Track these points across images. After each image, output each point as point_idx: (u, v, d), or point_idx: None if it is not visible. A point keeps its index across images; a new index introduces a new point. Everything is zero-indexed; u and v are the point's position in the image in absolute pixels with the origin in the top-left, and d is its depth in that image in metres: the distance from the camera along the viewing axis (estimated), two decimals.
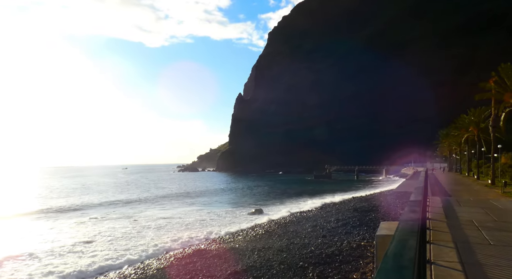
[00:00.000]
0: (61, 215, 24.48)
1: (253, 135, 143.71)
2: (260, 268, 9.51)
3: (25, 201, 34.25)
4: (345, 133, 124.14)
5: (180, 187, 56.84)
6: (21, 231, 19.07)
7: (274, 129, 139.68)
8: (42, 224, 21.18)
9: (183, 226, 19.99)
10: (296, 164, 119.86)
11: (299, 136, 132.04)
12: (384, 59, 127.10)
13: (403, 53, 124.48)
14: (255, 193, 42.05)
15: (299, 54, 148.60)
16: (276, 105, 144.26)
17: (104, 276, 10.67)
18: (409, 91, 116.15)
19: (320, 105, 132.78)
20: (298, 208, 26.79)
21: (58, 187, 57.61)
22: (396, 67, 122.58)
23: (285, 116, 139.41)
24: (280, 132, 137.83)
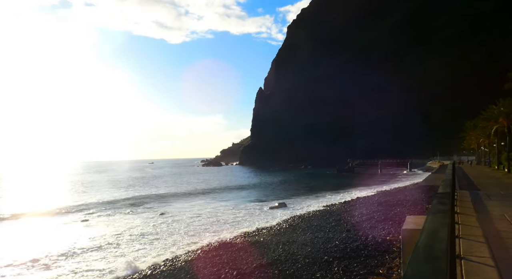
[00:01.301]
0: (94, 209, 25.26)
1: (275, 130, 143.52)
2: (285, 261, 9.59)
3: (66, 197, 35.47)
4: (367, 127, 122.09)
5: (205, 181, 57.55)
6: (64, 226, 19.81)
7: (295, 123, 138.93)
8: (82, 219, 21.90)
9: (209, 220, 20.29)
10: (318, 158, 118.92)
11: (321, 130, 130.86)
12: (408, 49, 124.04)
13: (428, 42, 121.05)
14: (277, 187, 42.12)
15: (319, 46, 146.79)
16: (296, 99, 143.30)
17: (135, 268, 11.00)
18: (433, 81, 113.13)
19: (341, 98, 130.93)
20: (321, 202, 26.69)
21: (91, 182, 59.34)
22: (422, 57, 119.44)
23: (306, 110, 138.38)
24: (301, 126, 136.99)
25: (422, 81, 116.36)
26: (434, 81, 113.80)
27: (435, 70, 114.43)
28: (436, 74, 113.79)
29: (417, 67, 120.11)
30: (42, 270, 10.94)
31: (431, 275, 1.15)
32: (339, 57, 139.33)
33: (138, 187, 47.91)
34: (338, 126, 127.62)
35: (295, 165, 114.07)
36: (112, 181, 61.18)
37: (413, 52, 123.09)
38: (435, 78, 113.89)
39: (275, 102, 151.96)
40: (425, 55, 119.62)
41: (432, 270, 1.19)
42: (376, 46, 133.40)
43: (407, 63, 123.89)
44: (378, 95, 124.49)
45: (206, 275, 9.00)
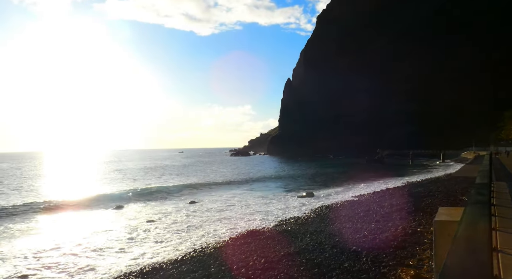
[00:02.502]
0: (129, 197, 26.06)
1: (303, 120, 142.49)
2: (313, 251, 9.57)
3: (102, 184, 36.77)
4: (397, 117, 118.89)
5: (233, 171, 58.14)
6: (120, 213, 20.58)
7: (324, 113, 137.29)
8: (116, 205, 22.66)
9: (237, 208, 20.53)
10: (346, 148, 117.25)
11: (349, 121, 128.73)
12: (443, 36, 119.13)
13: (467, 30, 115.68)
14: (305, 177, 41.94)
15: (348, 36, 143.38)
16: (325, 89, 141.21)
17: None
18: (466, 70, 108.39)
19: (371, 88, 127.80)
20: (349, 192, 26.38)
21: (124, 170, 61.25)
22: (456, 44, 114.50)
23: (334, 100, 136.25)
24: (329, 116, 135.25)
25: (457, 70, 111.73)
26: (470, 69, 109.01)
27: (468, 59, 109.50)
28: (474, 62, 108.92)
29: (449, 55, 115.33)
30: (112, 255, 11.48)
31: (472, 268, 1.10)
32: (369, 46, 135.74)
33: (169, 175, 49.01)
34: (366, 117, 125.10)
35: (323, 155, 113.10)
36: (144, 169, 62.86)
37: (447, 39, 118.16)
38: (472, 66, 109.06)
39: (303, 93, 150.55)
40: (461, 42, 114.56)
41: (473, 262, 1.14)
42: (408, 34, 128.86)
43: (442, 50, 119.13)
44: (409, 83, 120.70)
45: (234, 262, 9.13)
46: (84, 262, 10.61)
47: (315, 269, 8.07)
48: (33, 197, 25.96)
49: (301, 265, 8.38)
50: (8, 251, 12.06)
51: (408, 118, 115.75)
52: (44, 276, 9.48)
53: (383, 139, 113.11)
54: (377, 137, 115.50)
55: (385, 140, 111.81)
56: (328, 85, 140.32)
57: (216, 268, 8.84)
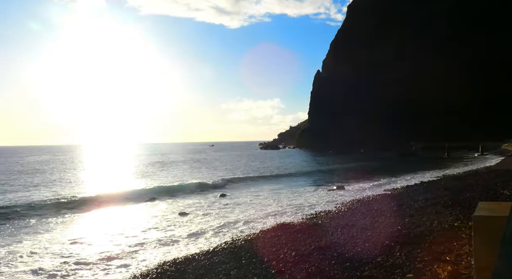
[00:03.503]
0: (161, 191, 26.67)
1: (333, 112, 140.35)
2: (344, 244, 9.45)
3: (136, 178, 37.92)
4: (432, 108, 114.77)
5: (264, 164, 58.34)
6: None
7: (354, 106, 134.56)
8: (149, 198, 23.30)
9: (268, 202, 20.61)
10: (377, 141, 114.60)
11: (380, 113, 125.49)
12: (477, 25, 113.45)
13: (500, 18, 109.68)
14: (336, 170, 41.44)
15: (380, 26, 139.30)
16: (355, 81, 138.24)
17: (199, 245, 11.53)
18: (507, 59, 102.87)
19: (404, 78, 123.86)
20: (382, 186, 25.83)
21: (157, 163, 62.85)
22: (493, 33, 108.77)
23: (365, 92, 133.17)
24: (360, 109, 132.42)
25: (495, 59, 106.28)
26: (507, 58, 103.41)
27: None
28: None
29: (489, 43, 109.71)
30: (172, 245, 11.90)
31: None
32: (401, 36, 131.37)
33: (201, 168, 49.80)
34: (398, 109, 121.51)
35: (353, 149, 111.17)
36: (176, 162, 64.20)
37: (483, 28, 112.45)
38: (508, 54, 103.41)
39: (333, 85, 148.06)
40: (497, 30, 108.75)
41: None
42: (441, 24, 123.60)
43: (476, 40, 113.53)
44: (444, 74, 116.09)
45: (265, 254, 9.17)
46: (121, 254, 10.99)
47: (346, 263, 7.97)
48: (72, 190, 27.15)
49: (332, 259, 8.30)
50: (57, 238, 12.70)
51: (445, 109, 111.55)
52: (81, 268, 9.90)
53: (417, 131, 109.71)
54: (411, 130, 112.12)
55: (419, 132, 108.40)
56: (359, 76, 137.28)
57: (247, 260, 8.91)
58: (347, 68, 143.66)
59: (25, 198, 22.67)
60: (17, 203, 20.86)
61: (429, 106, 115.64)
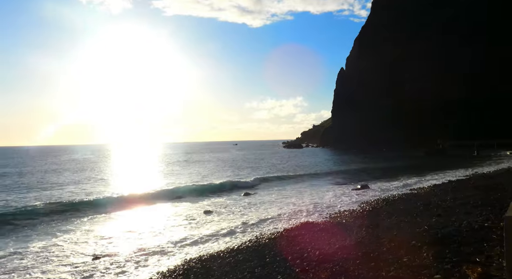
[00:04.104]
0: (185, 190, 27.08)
1: (356, 111, 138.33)
2: (369, 244, 9.36)
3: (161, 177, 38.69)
4: (460, 105, 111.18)
5: (287, 163, 58.23)
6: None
7: (378, 104, 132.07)
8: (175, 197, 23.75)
9: (291, 200, 20.61)
10: (402, 139, 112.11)
11: (405, 111, 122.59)
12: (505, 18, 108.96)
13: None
14: (359, 169, 40.86)
15: (405, 21, 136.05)
16: (380, 78, 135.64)
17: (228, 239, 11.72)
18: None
19: (428, 75, 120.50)
20: (407, 185, 25.35)
21: (181, 162, 63.84)
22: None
23: (390, 90, 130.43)
24: (384, 106, 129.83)
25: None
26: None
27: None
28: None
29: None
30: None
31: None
32: (429, 30, 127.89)
33: (225, 167, 50.22)
34: (425, 106, 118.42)
35: (378, 147, 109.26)
36: (200, 162, 64.90)
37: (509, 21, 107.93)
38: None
39: (357, 83, 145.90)
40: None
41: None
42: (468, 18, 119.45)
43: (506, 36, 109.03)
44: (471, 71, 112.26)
45: (289, 253, 9.21)
46: (148, 251, 11.29)
47: (371, 263, 7.90)
48: (103, 189, 27.99)
49: (357, 259, 8.24)
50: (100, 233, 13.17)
51: (474, 106, 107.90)
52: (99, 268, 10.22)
53: (444, 129, 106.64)
54: (438, 127, 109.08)
55: (447, 130, 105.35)
56: (384, 73, 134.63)
57: (271, 258, 8.98)
58: (371, 65, 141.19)
59: (59, 197, 23.58)
60: (53, 201, 21.76)
61: (457, 103, 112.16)
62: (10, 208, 18.72)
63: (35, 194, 24.69)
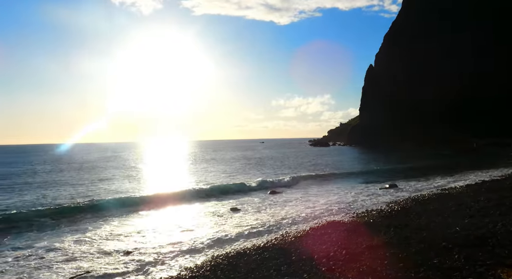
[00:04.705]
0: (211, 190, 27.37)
1: (385, 109, 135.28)
2: (398, 245, 9.19)
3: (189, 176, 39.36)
4: (492, 104, 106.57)
5: (313, 161, 57.83)
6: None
7: (408, 101, 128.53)
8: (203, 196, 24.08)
9: (317, 199, 20.49)
10: (432, 138, 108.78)
11: (437, 109, 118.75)
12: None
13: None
14: (388, 168, 39.98)
15: (438, 17, 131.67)
16: (410, 75, 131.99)
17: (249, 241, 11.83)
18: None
19: (461, 74, 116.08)
20: (438, 185, 24.66)
21: (209, 160, 64.68)
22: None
23: (420, 87, 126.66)
24: (414, 104, 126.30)
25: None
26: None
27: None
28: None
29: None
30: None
31: None
32: (460, 28, 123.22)
33: (251, 165, 50.44)
34: (457, 104, 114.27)
35: (406, 146, 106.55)
36: (228, 160, 65.42)
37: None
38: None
39: (386, 80, 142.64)
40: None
41: None
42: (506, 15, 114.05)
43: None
44: (506, 69, 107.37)
45: (315, 252, 9.18)
46: (176, 247, 11.55)
47: (400, 263, 7.76)
48: (134, 188, 28.78)
49: (385, 259, 8.11)
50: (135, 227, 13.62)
51: (505, 104, 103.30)
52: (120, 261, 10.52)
53: (478, 127, 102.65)
54: (472, 126, 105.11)
55: (481, 129, 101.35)
56: (414, 70, 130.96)
57: (297, 257, 8.98)
58: (401, 62, 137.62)
59: (90, 194, 24.48)
60: (86, 198, 22.60)
61: (491, 101, 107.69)
62: (46, 205, 19.53)
63: (69, 191, 25.73)
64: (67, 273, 9.27)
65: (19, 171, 44.99)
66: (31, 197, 22.62)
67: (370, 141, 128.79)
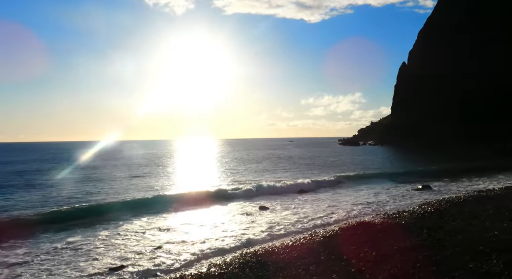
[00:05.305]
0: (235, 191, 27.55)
1: (419, 107, 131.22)
2: (431, 248, 8.91)
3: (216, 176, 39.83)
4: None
5: (344, 160, 57.07)
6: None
7: (443, 100, 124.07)
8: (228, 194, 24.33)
9: (347, 199, 20.23)
10: (467, 138, 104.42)
11: (472, 108, 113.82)
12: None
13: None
14: (421, 169, 38.74)
15: (475, 12, 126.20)
16: (444, 73, 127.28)
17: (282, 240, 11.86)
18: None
19: (501, 72, 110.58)
20: (474, 186, 23.71)
21: (241, 160, 65.20)
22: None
23: (457, 84, 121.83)
24: (449, 103, 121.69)
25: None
26: None
27: None
28: None
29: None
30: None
31: None
32: (499, 23, 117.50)
33: (279, 164, 50.37)
34: (496, 103, 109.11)
35: (441, 146, 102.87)
36: (259, 159, 65.62)
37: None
38: None
39: (420, 77, 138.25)
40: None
41: None
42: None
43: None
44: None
45: (344, 252, 9.06)
46: (206, 244, 11.72)
47: (433, 267, 7.53)
48: (165, 183, 29.44)
49: (417, 262, 7.89)
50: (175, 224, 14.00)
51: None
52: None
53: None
54: (507, 124, 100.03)
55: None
56: (449, 67, 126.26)
57: (325, 257, 8.89)
58: (437, 59, 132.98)
59: (122, 192, 25.28)
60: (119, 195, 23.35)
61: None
62: (81, 201, 20.32)
63: (101, 187, 26.70)
64: (102, 266, 9.62)
65: (56, 167, 47.12)
66: (66, 192, 23.61)
67: (402, 141, 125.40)
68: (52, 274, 9.12)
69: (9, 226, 13.98)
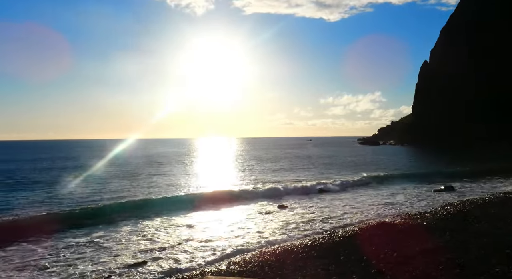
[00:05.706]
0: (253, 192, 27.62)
1: (441, 106, 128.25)
2: (455, 250, 8.73)
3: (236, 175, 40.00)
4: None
5: (363, 160, 56.40)
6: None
7: (466, 99, 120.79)
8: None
9: (367, 199, 20.01)
10: (492, 137, 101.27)
11: (495, 107, 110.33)
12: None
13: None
14: (443, 169, 37.83)
15: (500, 9, 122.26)
16: (468, 71, 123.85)
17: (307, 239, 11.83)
18: None
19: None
20: (499, 188, 23.04)
21: (258, 159, 65.36)
22: None
23: (481, 84, 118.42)
24: (473, 102, 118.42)
25: None
26: None
27: None
28: None
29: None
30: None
31: None
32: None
33: (297, 163, 50.19)
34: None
35: (463, 146, 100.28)
36: (278, 157, 65.60)
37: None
38: None
39: (442, 76, 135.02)
40: None
41: None
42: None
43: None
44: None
45: (364, 253, 8.97)
46: (226, 243, 11.81)
47: (457, 269, 7.37)
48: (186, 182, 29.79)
49: (440, 264, 7.74)
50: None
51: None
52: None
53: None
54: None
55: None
56: (474, 66, 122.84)
57: (345, 257, 8.83)
58: (459, 57, 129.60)
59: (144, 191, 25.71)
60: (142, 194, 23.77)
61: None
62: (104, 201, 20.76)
63: (124, 185, 27.23)
64: (124, 261, 9.82)
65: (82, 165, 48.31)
66: (90, 189, 24.18)
67: (423, 140, 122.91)
68: (76, 267, 9.38)
69: (35, 221, 14.44)
